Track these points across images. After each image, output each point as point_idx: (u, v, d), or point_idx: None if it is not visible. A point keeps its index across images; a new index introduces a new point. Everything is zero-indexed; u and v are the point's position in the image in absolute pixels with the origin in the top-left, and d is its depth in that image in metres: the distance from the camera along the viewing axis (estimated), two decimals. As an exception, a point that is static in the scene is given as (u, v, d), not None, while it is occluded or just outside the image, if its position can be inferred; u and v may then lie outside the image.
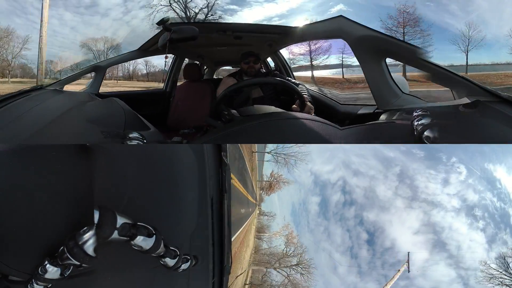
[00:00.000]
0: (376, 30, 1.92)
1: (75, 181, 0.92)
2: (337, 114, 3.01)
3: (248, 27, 3.18)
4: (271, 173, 15.77)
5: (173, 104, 4.25)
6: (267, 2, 4.04)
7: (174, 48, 3.93)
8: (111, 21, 11.62)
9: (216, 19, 7.52)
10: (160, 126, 4.07)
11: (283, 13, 3.24)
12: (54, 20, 8.25)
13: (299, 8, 2.89)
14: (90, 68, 3.37)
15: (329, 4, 2.76)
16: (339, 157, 14.98)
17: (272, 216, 15.14)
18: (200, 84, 4.26)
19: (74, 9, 10.52)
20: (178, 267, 1.11)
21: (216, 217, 1.46)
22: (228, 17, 4.00)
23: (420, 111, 1.39)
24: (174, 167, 1.20)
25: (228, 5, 4.75)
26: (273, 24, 3.04)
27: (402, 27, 9.61)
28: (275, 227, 14.47)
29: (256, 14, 4.17)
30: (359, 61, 2.11)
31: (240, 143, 5.64)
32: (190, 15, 9.36)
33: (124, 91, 5.24)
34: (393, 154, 14.10)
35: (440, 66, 1.83)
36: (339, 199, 14.97)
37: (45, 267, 0.86)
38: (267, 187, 15.75)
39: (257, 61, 3.00)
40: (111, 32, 11.47)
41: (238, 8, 4.04)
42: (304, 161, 14.97)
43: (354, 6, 3.32)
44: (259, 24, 3.10)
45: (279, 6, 3.62)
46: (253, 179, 13.23)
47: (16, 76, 11.91)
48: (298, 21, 2.62)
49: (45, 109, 2.08)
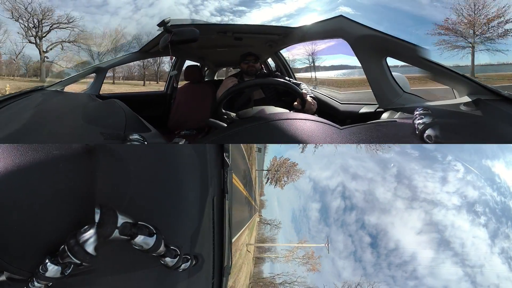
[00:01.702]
0: (376, 29, 1.92)
1: (77, 180, 0.92)
2: (338, 113, 3.01)
3: (248, 28, 3.19)
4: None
5: (174, 105, 4.25)
6: (275, 2, 4.05)
7: (175, 50, 3.94)
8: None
9: (219, 21, 7.57)
10: (161, 127, 4.09)
11: (291, 13, 3.25)
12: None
13: (307, 8, 2.89)
14: (91, 69, 3.37)
15: (337, 3, 2.76)
16: (337, 161, 14.99)
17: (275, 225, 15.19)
18: (201, 86, 4.27)
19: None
20: (178, 266, 1.11)
21: (217, 217, 1.46)
22: (237, 19, 4.00)
23: (421, 109, 1.39)
24: (176, 167, 1.20)
25: (237, 7, 4.76)
26: (273, 25, 3.03)
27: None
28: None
29: (264, 14, 4.17)
30: (360, 60, 2.11)
31: (241, 143, 5.64)
32: (200, 17, 9.44)
33: (125, 92, 5.24)
34: (388, 155, 14.10)
35: (441, 64, 1.83)
36: (339, 204, 14.96)
37: (46, 266, 0.86)
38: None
39: (257, 60, 3.00)
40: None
41: (246, 9, 4.04)
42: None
43: (360, 6, 3.29)
44: (259, 25, 3.10)
45: (287, 6, 3.63)
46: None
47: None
48: (305, 21, 2.62)
49: (45, 110, 2.09)
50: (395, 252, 14.18)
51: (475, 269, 13.03)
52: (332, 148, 14.37)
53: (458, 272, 13.32)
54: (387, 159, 14.35)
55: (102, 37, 11.94)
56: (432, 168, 14.50)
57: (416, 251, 13.91)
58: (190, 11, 8.61)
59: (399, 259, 14.01)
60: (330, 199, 15.13)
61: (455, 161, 14.36)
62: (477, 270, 12.95)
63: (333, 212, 14.85)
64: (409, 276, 13.56)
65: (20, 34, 12.20)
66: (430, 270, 13.53)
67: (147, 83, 13.78)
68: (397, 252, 14.18)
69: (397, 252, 14.18)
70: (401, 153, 13.79)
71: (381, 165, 14.65)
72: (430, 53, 1.82)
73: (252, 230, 11.48)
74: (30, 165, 0.87)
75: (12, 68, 12.50)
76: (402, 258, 13.97)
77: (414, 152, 13.96)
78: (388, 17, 3.86)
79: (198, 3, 8.38)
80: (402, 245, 14.15)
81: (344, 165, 14.88)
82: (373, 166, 14.78)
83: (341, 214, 14.79)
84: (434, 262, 13.64)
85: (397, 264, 13.97)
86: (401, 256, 14.04)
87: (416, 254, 13.86)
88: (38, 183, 0.88)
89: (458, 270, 13.38)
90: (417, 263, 13.72)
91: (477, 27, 9.63)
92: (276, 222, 15.50)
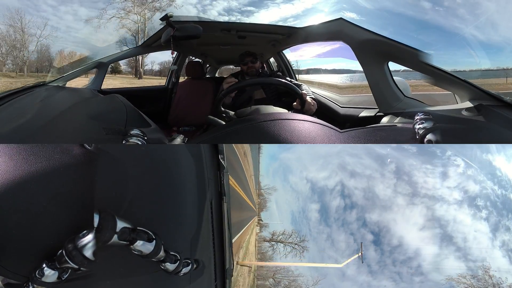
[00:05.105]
0: (378, 33, 1.91)
1: (76, 184, 0.92)
2: (338, 116, 3.00)
3: (252, 27, 3.17)
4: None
5: (174, 101, 4.25)
6: (283, 3, 3.97)
7: (177, 45, 3.92)
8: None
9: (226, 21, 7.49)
10: (162, 122, 4.08)
11: (298, 13, 3.20)
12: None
13: (313, 9, 2.86)
14: (93, 64, 3.36)
15: (342, 6, 2.73)
16: (334, 160, 14.96)
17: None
18: (202, 82, 4.26)
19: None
20: (179, 271, 1.11)
21: (216, 220, 1.46)
22: (245, 18, 3.93)
23: (422, 114, 1.38)
24: (174, 170, 1.20)
25: (245, 7, 4.65)
26: (277, 24, 3.01)
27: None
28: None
29: (272, 15, 4.09)
30: (361, 63, 2.10)
31: (240, 143, 5.63)
32: (207, 16, 9.37)
33: (126, 87, 5.23)
34: (385, 152, 14.07)
35: (442, 69, 1.82)
36: (338, 203, 14.98)
37: (43, 270, 0.85)
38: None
39: (255, 60, 2.98)
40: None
41: (255, 10, 3.95)
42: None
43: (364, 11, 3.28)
44: (263, 24, 3.08)
45: (294, 7, 3.56)
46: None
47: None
48: (311, 22, 2.61)
49: (47, 106, 2.09)
50: (399, 249, 14.22)
51: (477, 263, 13.10)
52: (329, 150, 14.39)
53: (461, 266, 13.39)
54: (384, 155, 14.32)
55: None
56: (432, 164, 14.48)
57: (420, 247, 13.96)
58: (198, 11, 8.49)
59: (403, 255, 14.06)
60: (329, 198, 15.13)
61: (454, 156, 14.33)
62: (479, 264, 13.02)
63: (333, 212, 14.86)
64: (414, 272, 13.62)
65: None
66: (434, 265, 13.60)
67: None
68: (401, 249, 14.22)
69: (401, 249, 14.22)
70: (398, 149, 13.77)
71: (378, 161, 14.62)
72: (432, 57, 1.82)
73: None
74: (29, 168, 0.87)
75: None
76: (406, 255, 14.02)
77: (411, 148, 13.94)
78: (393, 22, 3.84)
79: (207, 3, 8.26)
80: (405, 241, 14.19)
81: (342, 163, 14.83)
82: (371, 163, 14.75)
83: (341, 213, 14.81)
84: (438, 258, 13.72)
85: (401, 260, 14.03)
86: (405, 253, 14.09)
87: (420, 250, 13.91)
88: (36, 187, 0.87)
89: (461, 264, 13.45)
90: (421, 259, 13.78)
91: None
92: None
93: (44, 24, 4.39)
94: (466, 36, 2.03)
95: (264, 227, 15.10)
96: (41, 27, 4.41)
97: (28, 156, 0.88)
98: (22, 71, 4.76)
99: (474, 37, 2.05)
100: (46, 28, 4.38)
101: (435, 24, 2.09)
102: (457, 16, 2.09)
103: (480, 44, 2.04)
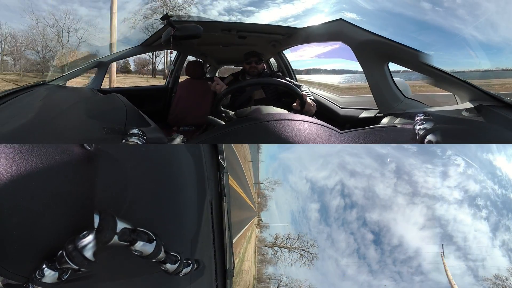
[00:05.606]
0: (378, 34, 1.90)
1: (76, 185, 0.92)
2: (337, 117, 3.00)
3: (253, 27, 3.17)
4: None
5: (174, 100, 4.25)
6: (284, 3, 3.98)
7: (177, 45, 3.93)
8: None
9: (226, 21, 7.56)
10: (162, 122, 4.08)
11: (298, 13, 3.21)
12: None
13: (314, 9, 2.87)
14: (93, 63, 3.36)
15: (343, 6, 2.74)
16: (334, 160, 14.93)
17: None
18: (202, 82, 4.26)
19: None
20: (179, 271, 1.11)
21: (216, 220, 1.46)
22: (245, 18, 3.91)
23: (422, 115, 1.37)
24: (174, 170, 1.20)
25: (246, 7, 4.67)
26: (277, 25, 3.02)
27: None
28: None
29: (272, 15, 4.10)
30: (361, 64, 2.10)
31: (239, 143, 5.65)
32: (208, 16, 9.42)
33: (126, 87, 5.23)
34: (385, 151, 14.05)
35: (443, 70, 1.82)
36: (338, 203, 14.96)
37: (43, 271, 0.86)
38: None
39: (260, 61, 2.98)
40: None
41: (255, 10, 3.96)
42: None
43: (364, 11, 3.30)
44: (263, 24, 3.09)
45: (295, 7, 3.56)
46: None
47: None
48: (311, 22, 2.61)
49: (47, 105, 2.09)
50: (399, 248, 14.23)
51: (477, 262, 13.12)
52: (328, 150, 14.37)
53: (461, 266, 13.41)
54: (384, 154, 14.30)
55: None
56: (432, 163, 14.47)
57: (420, 247, 13.97)
58: (198, 10, 8.52)
59: (404, 255, 14.06)
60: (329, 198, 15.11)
61: (455, 156, 14.33)
62: (479, 264, 13.05)
63: (333, 211, 14.84)
64: (414, 272, 13.63)
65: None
66: (435, 265, 13.61)
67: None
68: (401, 248, 14.23)
69: (401, 248, 14.23)
70: (398, 148, 13.74)
71: (378, 161, 14.61)
72: (432, 58, 1.82)
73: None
74: (29, 168, 0.87)
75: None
76: (407, 254, 14.03)
77: (412, 148, 13.92)
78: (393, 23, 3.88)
79: (207, 3, 8.28)
80: (405, 241, 14.20)
81: (342, 163, 14.81)
82: (371, 162, 14.74)
83: (341, 212, 14.79)
84: (438, 257, 13.72)
85: (402, 260, 14.03)
86: (406, 252, 14.09)
87: (420, 250, 13.92)
88: (37, 187, 0.87)
89: (461, 263, 13.47)
90: (421, 259, 13.79)
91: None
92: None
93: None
94: (466, 37, 2.03)
95: (264, 228, 15.07)
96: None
97: (28, 156, 0.88)
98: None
99: (474, 38, 2.05)
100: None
101: (435, 25, 2.09)
102: (457, 16, 2.09)
103: (480, 44, 2.04)
